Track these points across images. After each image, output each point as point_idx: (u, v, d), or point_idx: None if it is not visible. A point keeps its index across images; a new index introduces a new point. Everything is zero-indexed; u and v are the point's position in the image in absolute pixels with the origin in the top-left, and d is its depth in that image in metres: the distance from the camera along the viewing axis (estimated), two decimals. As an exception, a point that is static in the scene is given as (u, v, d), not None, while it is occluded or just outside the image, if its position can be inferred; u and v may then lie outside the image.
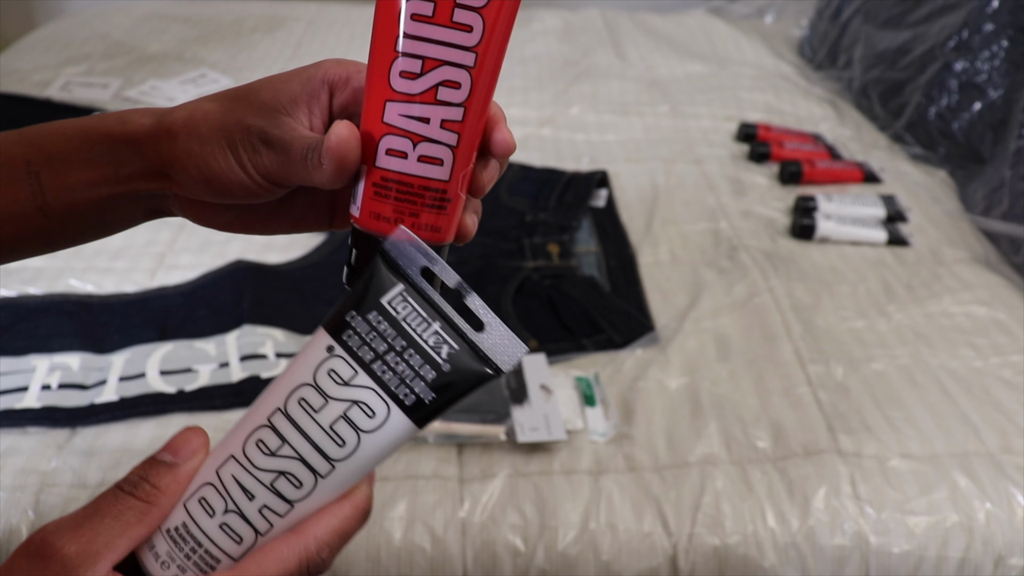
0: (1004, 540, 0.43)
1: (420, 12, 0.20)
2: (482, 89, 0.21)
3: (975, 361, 0.54)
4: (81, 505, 0.40)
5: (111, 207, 0.23)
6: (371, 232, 0.21)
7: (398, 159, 0.20)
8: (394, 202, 0.21)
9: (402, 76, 0.20)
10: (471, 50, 0.20)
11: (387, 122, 0.20)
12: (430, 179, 0.21)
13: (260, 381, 0.49)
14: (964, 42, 0.76)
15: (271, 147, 0.21)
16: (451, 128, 0.20)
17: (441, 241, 0.22)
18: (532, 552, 0.42)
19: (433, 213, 0.21)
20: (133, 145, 0.22)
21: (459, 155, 0.21)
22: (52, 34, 1.03)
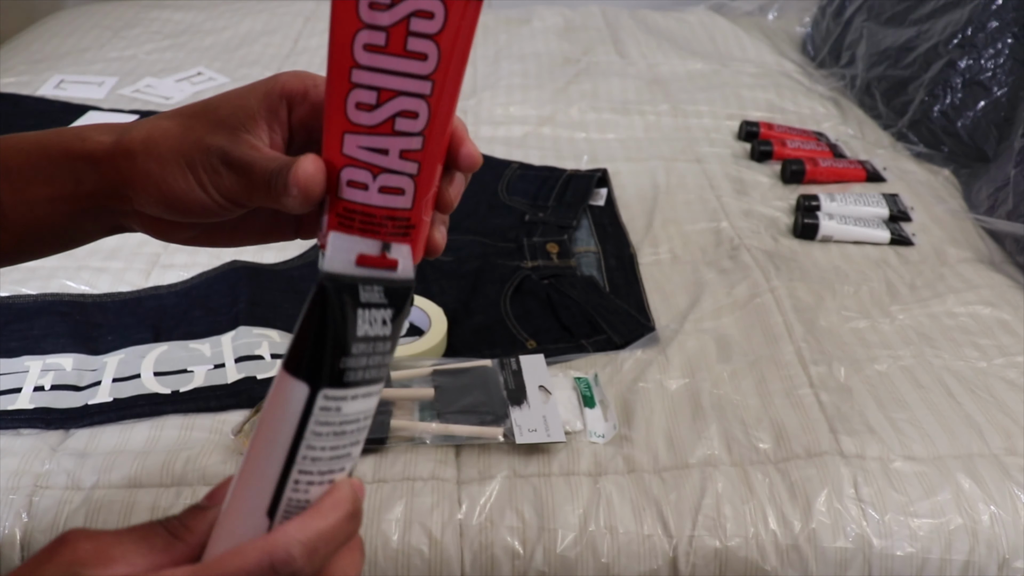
0: (1009, 543, 0.43)
1: (372, 42, 0.19)
2: (441, 114, 0.20)
3: (979, 362, 0.53)
4: (75, 507, 0.39)
5: (70, 223, 0.23)
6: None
7: (359, 191, 0.20)
8: (359, 233, 0.21)
9: (358, 108, 0.20)
10: (427, 78, 0.20)
11: (346, 154, 0.20)
12: (392, 208, 0.21)
13: (256, 382, 0.48)
14: (968, 39, 0.76)
15: (232, 168, 0.21)
16: (410, 158, 0.20)
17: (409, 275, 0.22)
18: (531, 554, 0.41)
19: (397, 240, 0.21)
20: (91, 163, 0.22)
21: (420, 182, 0.21)
22: (46, 32, 1.03)
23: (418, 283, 0.59)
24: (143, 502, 0.42)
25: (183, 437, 0.45)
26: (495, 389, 0.48)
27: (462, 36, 0.19)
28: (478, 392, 0.47)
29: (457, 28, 0.19)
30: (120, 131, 0.22)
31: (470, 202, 0.69)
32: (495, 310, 0.56)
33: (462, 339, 0.53)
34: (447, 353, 0.53)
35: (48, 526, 0.41)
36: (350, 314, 0.19)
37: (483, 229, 0.65)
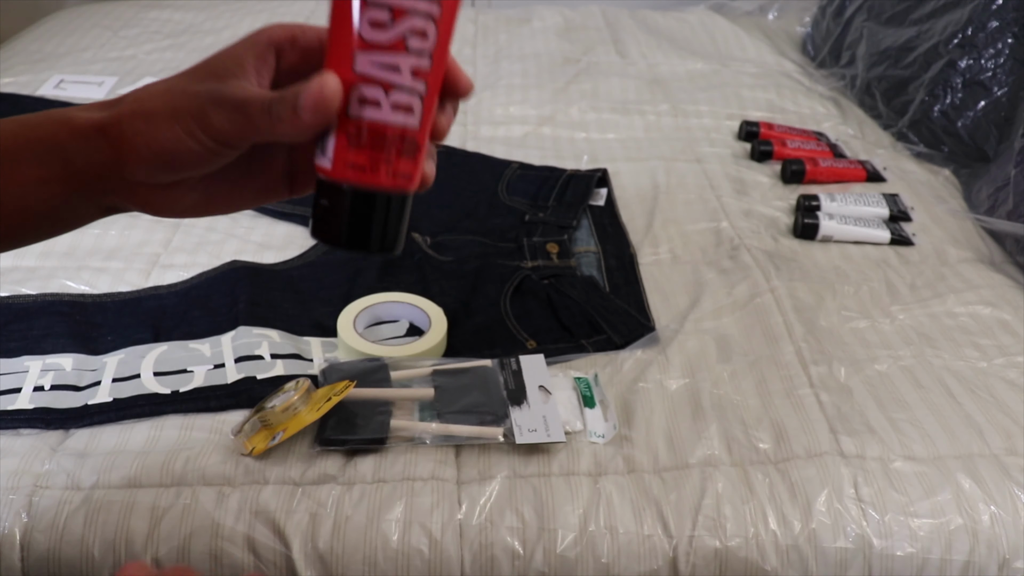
0: (1009, 543, 0.43)
1: None
2: (444, 37, 0.21)
3: (980, 362, 0.53)
4: (75, 507, 0.39)
5: (63, 204, 0.23)
6: (348, 181, 0.21)
7: (372, 108, 0.21)
8: (369, 150, 0.21)
9: (371, 25, 0.20)
10: (435, 0, 0.20)
11: (359, 71, 0.20)
12: (404, 127, 0.21)
13: (256, 382, 0.48)
14: (968, 39, 0.76)
15: (222, 107, 0.21)
16: (420, 76, 0.21)
17: (407, 189, 0.22)
18: (531, 554, 0.41)
19: (406, 160, 0.21)
20: (81, 139, 0.22)
21: (427, 102, 0.21)
22: (46, 32, 1.03)
23: (418, 283, 0.59)
24: (143, 502, 0.42)
25: (183, 437, 0.45)
26: (495, 389, 0.48)
27: None
28: (478, 392, 0.47)
29: None
30: (109, 105, 0.22)
31: (470, 202, 0.69)
32: (495, 310, 0.56)
33: (462, 339, 0.53)
34: (447, 353, 0.53)
35: (48, 526, 0.41)
36: None
37: (483, 229, 0.65)
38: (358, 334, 0.51)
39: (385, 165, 0.21)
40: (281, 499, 0.42)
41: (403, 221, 0.22)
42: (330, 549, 0.41)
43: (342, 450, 0.45)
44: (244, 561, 0.41)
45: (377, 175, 0.21)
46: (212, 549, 0.41)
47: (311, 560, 0.41)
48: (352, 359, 0.50)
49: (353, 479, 0.43)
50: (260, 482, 0.43)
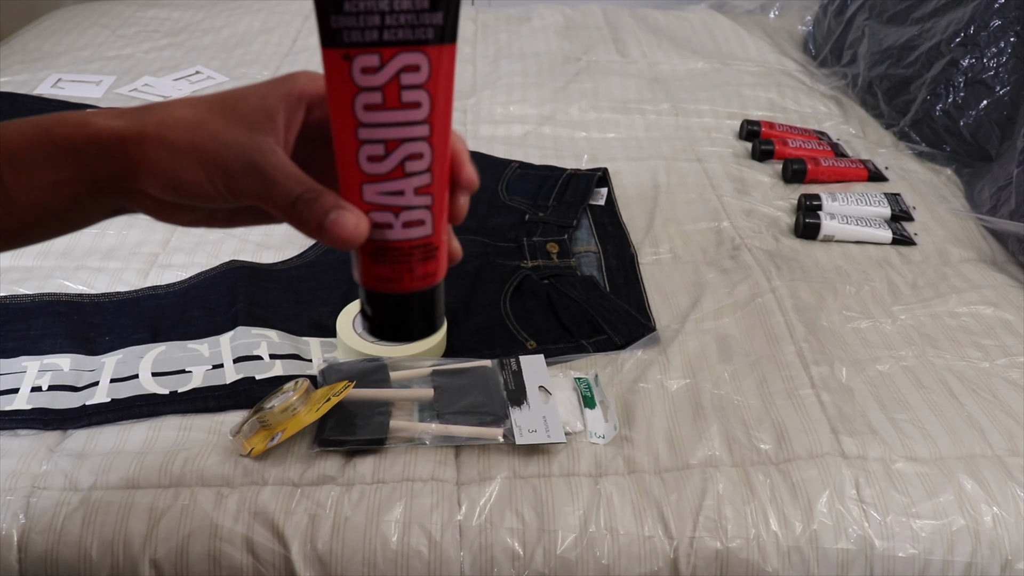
0: (1011, 544, 0.42)
1: (371, 102, 0.21)
2: (440, 148, 0.22)
3: (982, 362, 0.53)
4: (73, 508, 0.39)
5: (73, 205, 0.23)
6: (379, 291, 0.24)
7: (386, 230, 0.23)
8: (391, 265, 0.23)
9: (370, 160, 0.22)
10: (424, 123, 0.22)
11: (368, 201, 0.22)
12: (417, 239, 0.23)
13: (254, 382, 0.48)
14: (970, 38, 0.75)
15: (250, 175, 0.21)
16: (424, 192, 0.23)
17: (436, 283, 0.24)
18: (530, 555, 0.41)
19: (427, 263, 0.24)
20: (99, 147, 0.22)
21: (435, 210, 0.23)
22: (44, 31, 1.02)
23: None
24: (141, 503, 0.41)
25: (181, 438, 0.45)
26: (495, 389, 0.47)
27: (445, 77, 0.22)
28: (478, 393, 0.47)
29: (440, 72, 0.21)
30: (132, 116, 0.22)
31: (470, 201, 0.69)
32: (495, 310, 0.56)
33: (462, 339, 0.53)
34: (447, 353, 0.52)
35: (45, 527, 0.41)
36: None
37: (483, 229, 0.65)
38: (357, 334, 0.51)
39: (408, 274, 0.23)
40: (280, 500, 0.42)
41: (437, 305, 0.24)
42: (329, 550, 0.41)
43: (341, 451, 0.44)
44: (243, 562, 0.40)
45: (402, 283, 0.23)
46: (211, 550, 0.40)
47: (310, 561, 0.40)
48: (351, 359, 0.50)
49: (352, 480, 0.43)
50: (259, 483, 0.43)
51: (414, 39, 0.20)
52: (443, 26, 0.21)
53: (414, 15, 0.20)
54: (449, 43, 0.21)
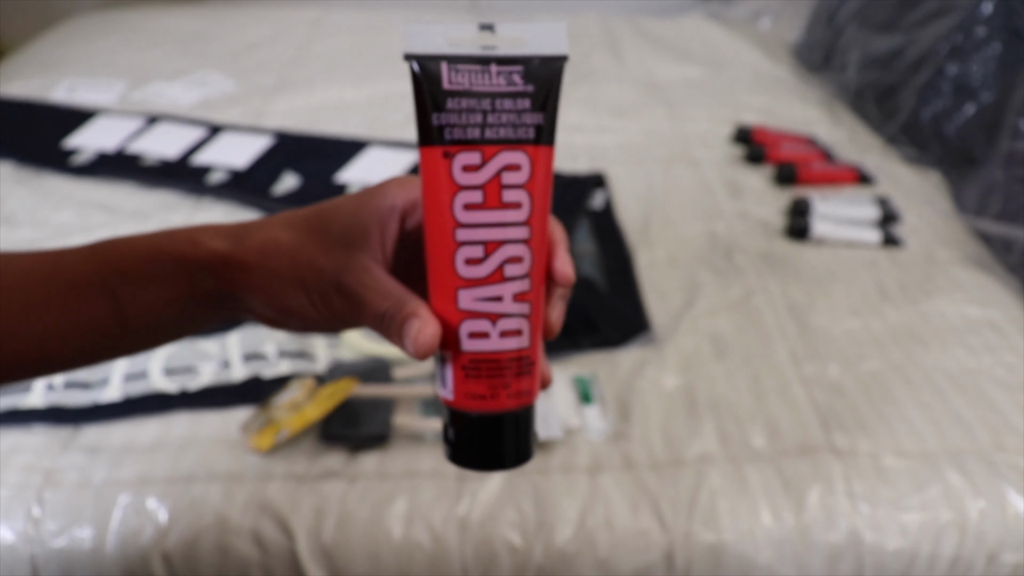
0: (996, 537, 0.43)
1: (471, 201, 0.21)
2: (539, 251, 0.21)
3: (968, 360, 0.54)
4: (85, 503, 0.39)
5: (186, 318, 0.23)
6: (471, 410, 0.22)
7: (482, 340, 0.21)
8: (486, 380, 0.21)
9: (467, 263, 0.21)
10: (525, 224, 0.21)
11: (463, 308, 0.21)
12: (514, 351, 0.21)
13: (262, 380, 0.49)
14: (957, 46, 0.77)
15: (344, 296, 0.22)
16: (523, 299, 0.21)
17: (531, 402, 0.22)
18: (530, 549, 0.42)
19: (524, 379, 0.22)
20: (207, 270, 0.23)
21: (533, 319, 0.21)
22: (57, 38, 1.04)
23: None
24: (152, 497, 0.42)
25: (191, 434, 0.46)
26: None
27: (543, 178, 0.21)
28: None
29: (539, 172, 0.21)
30: (234, 238, 0.23)
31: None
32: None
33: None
34: (448, 352, 0.53)
35: (59, 521, 0.42)
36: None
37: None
38: (361, 333, 0.52)
39: (504, 390, 0.21)
40: (286, 494, 0.43)
41: (531, 428, 0.22)
42: (334, 543, 0.41)
43: (346, 446, 0.45)
44: (251, 555, 0.41)
45: (498, 400, 0.21)
46: (219, 543, 0.41)
47: (316, 554, 0.41)
48: (356, 358, 0.51)
49: (357, 475, 0.44)
50: (266, 478, 0.44)
51: (515, 138, 0.20)
52: (543, 127, 0.21)
53: (516, 115, 0.20)
54: (547, 144, 0.21)
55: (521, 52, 0.21)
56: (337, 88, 0.88)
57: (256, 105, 0.86)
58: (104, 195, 0.70)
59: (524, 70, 0.20)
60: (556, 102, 0.21)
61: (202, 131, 0.79)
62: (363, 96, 0.86)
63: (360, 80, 0.90)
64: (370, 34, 1.05)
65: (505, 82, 0.20)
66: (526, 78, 0.20)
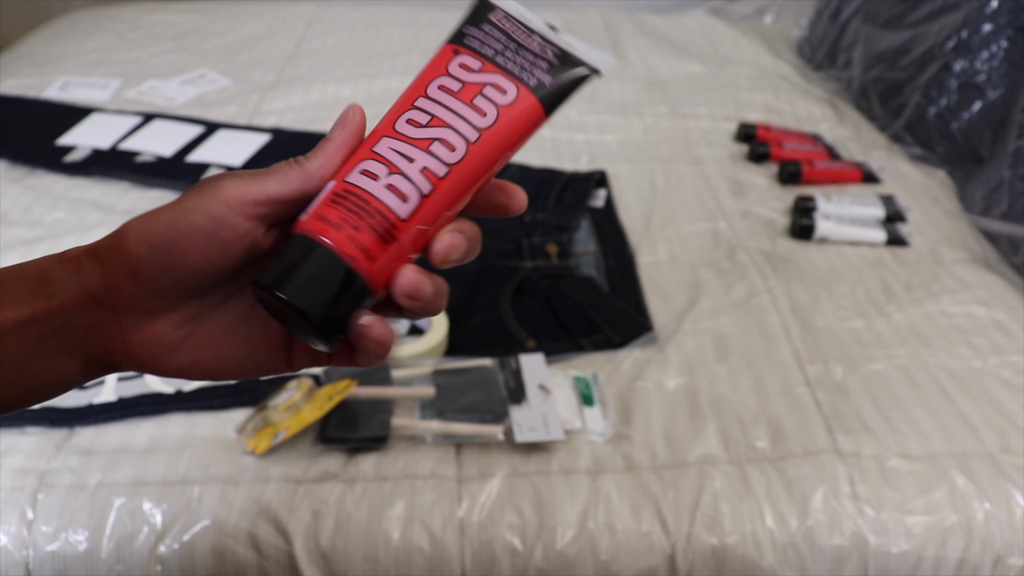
0: (1003, 540, 0.43)
1: (447, 86, 0.21)
2: (474, 169, 0.21)
3: (974, 361, 0.54)
4: (80, 505, 0.39)
5: (38, 353, 0.20)
6: (309, 231, 0.20)
7: (368, 179, 0.21)
8: (344, 211, 0.20)
9: (408, 122, 0.21)
10: (479, 129, 0.21)
11: (374, 150, 0.21)
12: (387, 206, 0.20)
13: (258, 381, 0.49)
14: (963, 42, 0.76)
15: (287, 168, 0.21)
16: (429, 178, 0.21)
17: (361, 265, 0.20)
18: (530, 552, 0.42)
19: (375, 238, 0.20)
20: (69, 264, 0.20)
21: (425, 206, 0.21)
22: (51, 35, 1.03)
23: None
24: (147, 500, 0.42)
25: (187, 435, 0.46)
26: (495, 388, 0.48)
27: (521, 124, 0.21)
28: (478, 391, 0.48)
29: (520, 114, 0.21)
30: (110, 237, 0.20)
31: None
32: (495, 310, 0.56)
33: (463, 339, 0.54)
34: (448, 353, 0.53)
35: (53, 524, 0.41)
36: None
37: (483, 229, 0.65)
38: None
39: (351, 229, 0.20)
40: (284, 497, 0.42)
41: (341, 301, 0.20)
42: (332, 546, 0.41)
43: (344, 448, 0.45)
44: (247, 558, 0.41)
45: (339, 233, 0.20)
46: (216, 546, 0.41)
47: (313, 557, 0.41)
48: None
49: (355, 477, 0.44)
50: (263, 480, 0.43)
51: (518, 75, 0.21)
52: (547, 87, 0.21)
53: (530, 64, 0.21)
54: (541, 102, 0.21)
55: (567, 46, 0.22)
56: (334, 85, 0.88)
57: (252, 102, 0.85)
58: (98, 194, 0.69)
59: (559, 52, 0.22)
60: (567, 93, 0.22)
61: (198, 129, 0.78)
62: (360, 93, 0.86)
63: (357, 77, 0.90)
64: (367, 30, 1.05)
65: (539, 48, 0.22)
66: (557, 57, 0.22)
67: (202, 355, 0.22)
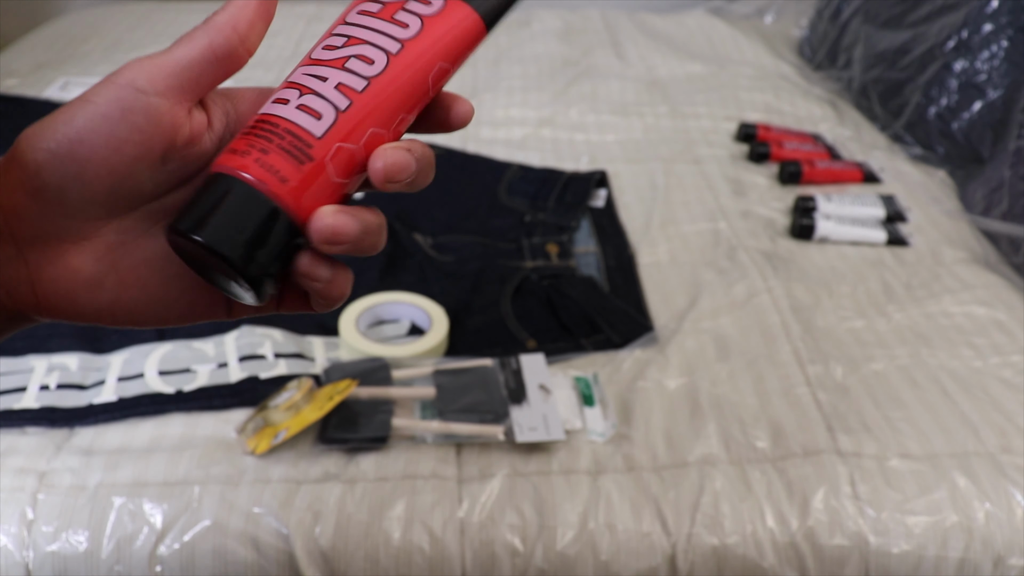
0: (1003, 540, 0.43)
1: (367, 9, 0.20)
2: (399, 80, 0.19)
3: (975, 361, 0.54)
4: (80, 505, 0.39)
5: None
6: (217, 168, 0.18)
7: (279, 105, 0.19)
8: (252, 138, 0.18)
9: (324, 48, 0.20)
10: (400, 40, 0.19)
11: (289, 80, 0.19)
12: (298, 125, 0.18)
13: (259, 381, 0.49)
14: (963, 42, 0.76)
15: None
16: (345, 93, 0.18)
17: (279, 195, 0.18)
18: (531, 552, 0.42)
19: (285, 158, 0.18)
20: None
21: (343, 121, 0.18)
22: (51, 34, 1.03)
23: (419, 283, 0.59)
24: (148, 500, 0.42)
25: (187, 436, 0.46)
26: (495, 388, 0.48)
27: (454, 30, 0.19)
28: (479, 391, 0.48)
29: (451, 18, 0.19)
30: None
31: (470, 203, 0.70)
32: (495, 310, 0.56)
33: (463, 339, 0.54)
34: (448, 353, 0.53)
35: (53, 524, 0.41)
36: None
37: (483, 230, 0.66)
38: (360, 334, 0.52)
39: (259, 154, 0.18)
40: (284, 497, 0.42)
41: (261, 234, 0.17)
42: (332, 546, 0.41)
43: (344, 448, 0.45)
44: (247, 558, 0.41)
45: (245, 159, 0.17)
46: (216, 547, 0.41)
47: (314, 557, 0.41)
48: (354, 358, 0.51)
49: (355, 477, 0.44)
50: (263, 480, 0.43)
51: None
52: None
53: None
54: (476, 10, 0.19)
55: None
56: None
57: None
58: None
59: None
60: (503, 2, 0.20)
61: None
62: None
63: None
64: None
65: None
66: None
67: (126, 293, 0.19)
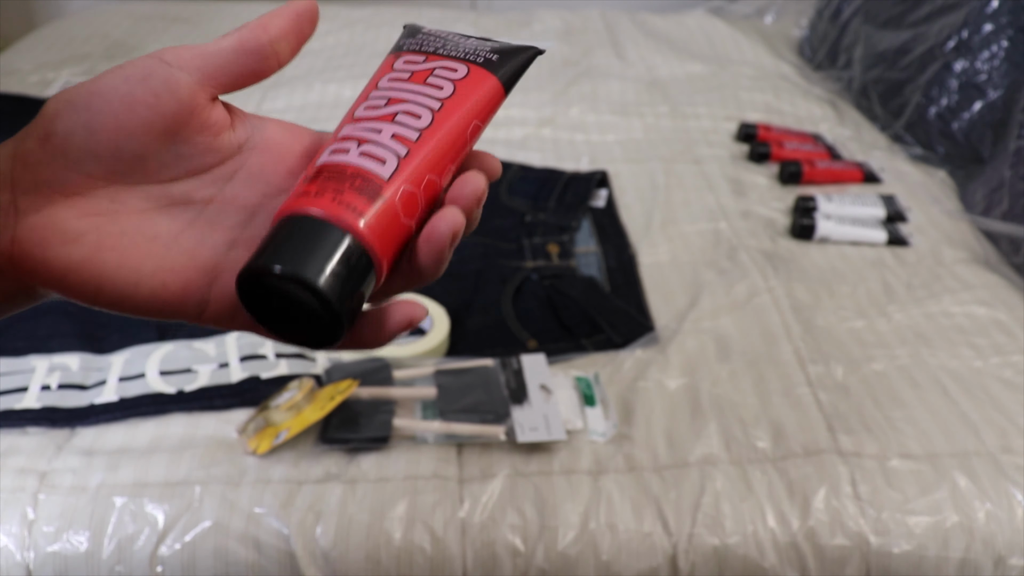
0: (1004, 540, 0.43)
1: (397, 77, 0.21)
2: (445, 133, 0.20)
3: (975, 361, 0.54)
4: (81, 505, 0.39)
5: None
6: (289, 211, 0.18)
7: (340, 155, 0.19)
8: (322, 182, 0.19)
9: (366, 108, 0.20)
10: (439, 99, 0.21)
11: (340, 135, 0.20)
12: (366, 168, 0.19)
13: (260, 381, 0.49)
14: (964, 42, 0.76)
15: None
16: (401, 141, 0.19)
17: (354, 225, 0.18)
18: (532, 552, 0.42)
19: (360, 198, 0.18)
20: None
21: (405, 167, 0.19)
22: (52, 34, 1.03)
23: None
24: (148, 500, 0.42)
25: (188, 436, 0.46)
26: (496, 388, 0.48)
27: (482, 94, 0.21)
28: (480, 391, 0.48)
29: (476, 89, 0.21)
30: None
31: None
32: (496, 310, 0.56)
33: (464, 339, 0.54)
34: (449, 353, 0.53)
35: (54, 524, 0.41)
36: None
37: (484, 230, 0.66)
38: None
39: (334, 194, 0.18)
40: (285, 497, 0.42)
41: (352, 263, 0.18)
42: (333, 546, 0.41)
43: (345, 449, 0.45)
44: (248, 559, 0.41)
45: (322, 199, 0.18)
46: (217, 547, 0.41)
47: (315, 557, 0.41)
48: (355, 359, 0.51)
49: (356, 477, 0.44)
50: (264, 481, 0.43)
51: (463, 57, 0.21)
52: (495, 63, 0.21)
53: (473, 49, 0.21)
54: (498, 78, 0.21)
55: (502, 43, 0.22)
56: (335, 85, 0.88)
57: (253, 102, 0.85)
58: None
59: (497, 45, 0.22)
60: (519, 67, 0.22)
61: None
62: (362, 93, 0.86)
63: (358, 77, 0.90)
64: (367, 30, 1.05)
65: (476, 44, 0.22)
66: (496, 49, 0.22)
67: (99, 255, 0.18)
